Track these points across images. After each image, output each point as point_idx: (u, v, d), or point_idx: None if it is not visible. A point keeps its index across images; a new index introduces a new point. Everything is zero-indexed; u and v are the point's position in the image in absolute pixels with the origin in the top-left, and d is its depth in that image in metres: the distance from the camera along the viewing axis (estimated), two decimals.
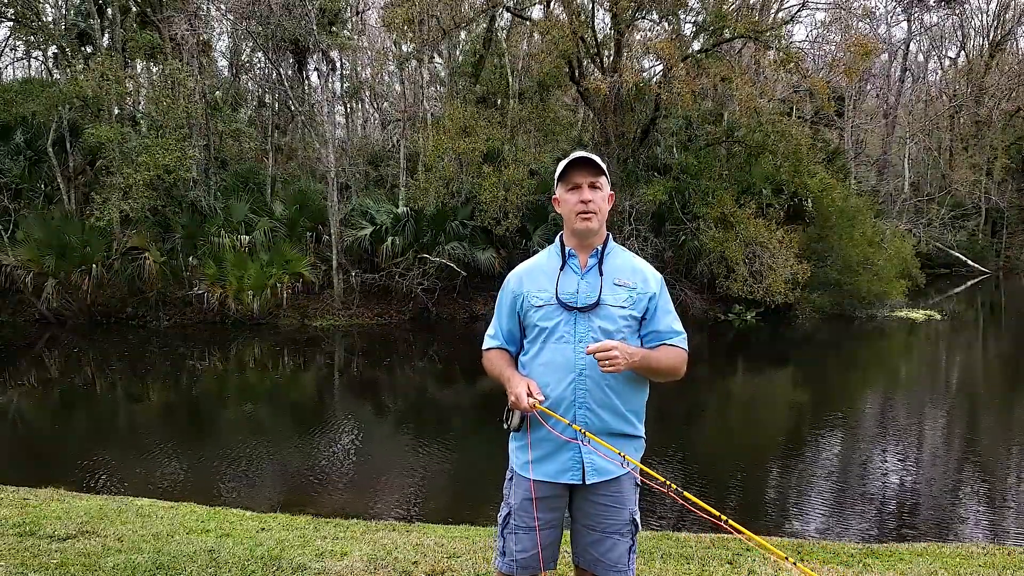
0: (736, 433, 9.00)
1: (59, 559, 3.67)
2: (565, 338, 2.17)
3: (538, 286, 2.25)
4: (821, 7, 20.08)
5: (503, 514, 2.27)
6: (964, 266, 29.38)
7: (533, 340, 2.24)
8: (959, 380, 12.30)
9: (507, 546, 2.23)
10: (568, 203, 2.23)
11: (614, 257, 2.28)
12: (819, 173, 17.63)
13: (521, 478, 2.23)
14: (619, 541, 2.21)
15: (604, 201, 2.25)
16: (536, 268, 2.32)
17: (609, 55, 17.98)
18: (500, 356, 2.32)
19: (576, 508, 2.25)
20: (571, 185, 2.22)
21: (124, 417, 9.75)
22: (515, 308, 2.29)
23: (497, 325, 2.35)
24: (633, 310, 2.21)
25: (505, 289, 2.34)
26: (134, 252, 15.54)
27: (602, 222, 2.25)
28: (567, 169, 2.22)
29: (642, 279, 2.25)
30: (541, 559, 2.21)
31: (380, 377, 12.43)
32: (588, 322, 2.17)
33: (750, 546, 4.54)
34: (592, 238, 2.25)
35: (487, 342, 2.36)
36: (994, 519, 5.84)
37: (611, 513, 2.21)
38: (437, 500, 6.36)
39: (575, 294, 2.20)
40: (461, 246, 16.31)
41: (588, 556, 2.24)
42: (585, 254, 2.26)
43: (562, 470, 2.18)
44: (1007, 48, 34.05)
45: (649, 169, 18.32)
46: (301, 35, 18.40)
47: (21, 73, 25.33)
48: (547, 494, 2.19)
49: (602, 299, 2.18)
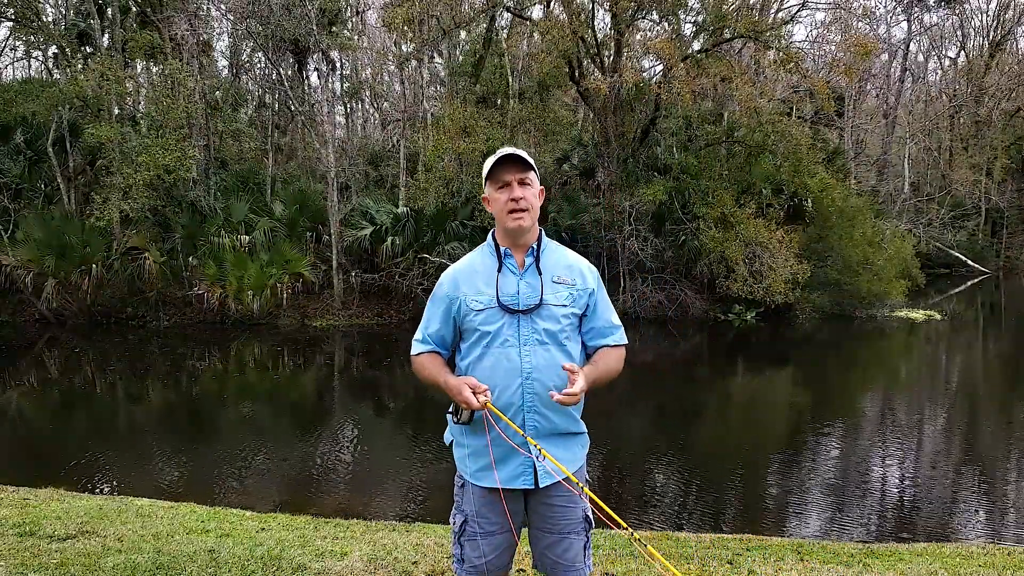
0: (736, 433, 8.99)
1: (59, 559, 3.67)
2: (510, 342, 2.13)
3: (475, 289, 2.18)
4: (821, 7, 20.09)
5: (458, 521, 2.24)
6: (964, 266, 29.37)
7: (474, 344, 2.18)
8: (959, 380, 12.30)
9: (465, 553, 2.21)
10: (498, 202, 2.17)
11: (549, 254, 2.25)
12: (819, 173, 17.62)
13: (473, 486, 2.21)
14: (575, 540, 2.21)
15: (535, 197, 2.19)
16: (470, 270, 2.24)
17: (609, 55, 17.98)
18: (433, 360, 2.25)
19: (532, 511, 2.24)
20: (500, 183, 2.17)
21: (124, 417, 9.75)
22: (451, 312, 2.21)
23: (427, 329, 2.27)
24: (574, 307, 2.19)
25: (438, 292, 2.26)
26: (134, 252, 15.54)
27: (534, 219, 2.19)
28: (495, 167, 2.17)
29: (580, 275, 2.24)
30: (499, 563, 2.20)
31: (380, 377, 12.44)
32: (531, 324, 2.14)
33: (750, 546, 4.54)
34: (526, 236, 2.19)
35: (416, 347, 2.28)
36: (994, 519, 5.84)
37: (566, 513, 2.20)
38: (437, 500, 6.35)
39: (516, 295, 2.16)
40: (461, 246, 16.29)
41: (546, 560, 2.23)
42: (521, 253, 2.21)
43: (514, 475, 2.16)
44: (1007, 48, 34.06)
45: (649, 169, 18.31)
46: (301, 35, 18.40)
47: (21, 73, 25.36)
48: (503, 498, 2.16)
49: (544, 299, 2.15)
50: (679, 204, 16.92)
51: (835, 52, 17.90)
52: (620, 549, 4.07)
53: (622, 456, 7.62)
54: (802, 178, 17.12)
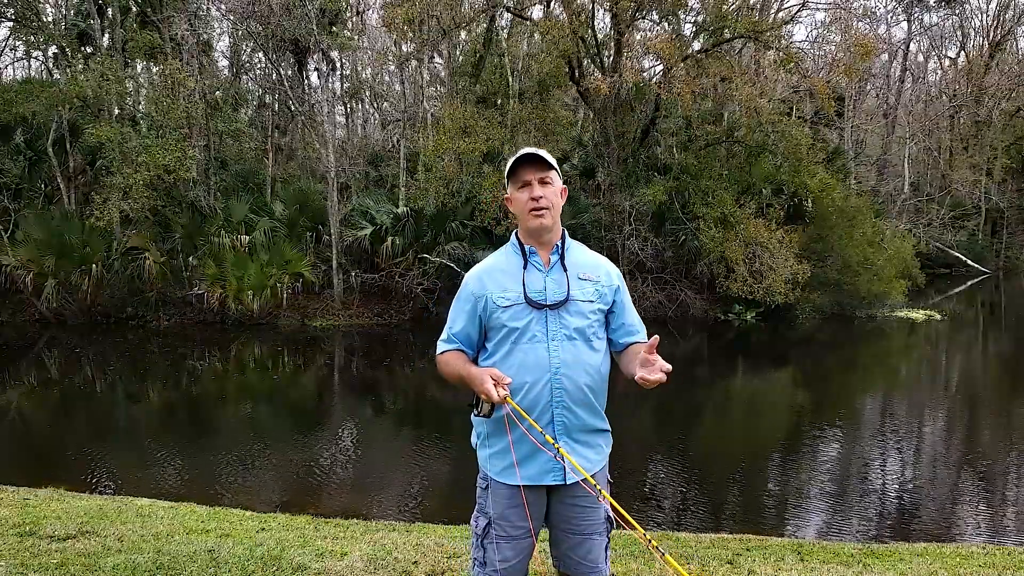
0: (736, 433, 9.00)
1: (59, 559, 3.67)
2: (538, 337, 2.14)
3: (502, 286, 2.19)
4: (821, 7, 20.06)
5: (481, 524, 2.22)
6: (964, 266, 29.36)
7: (500, 341, 2.18)
8: (959, 380, 12.29)
9: (488, 556, 2.18)
10: (520, 201, 2.20)
11: (574, 252, 2.27)
12: (819, 173, 17.62)
13: (499, 485, 2.19)
14: (597, 541, 2.22)
15: (557, 196, 2.22)
16: (495, 268, 2.25)
17: (609, 55, 17.98)
18: (457, 356, 2.25)
19: (554, 512, 2.23)
20: (521, 183, 2.19)
21: (124, 417, 9.75)
22: (476, 311, 2.21)
23: (451, 329, 2.27)
24: (600, 303, 2.21)
25: (463, 292, 2.26)
26: (134, 252, 15.54)
27: (556, 217, 2.22)
28: (515, 167, 2.19)
29: (604, 273, 2.26)
30: (521, 567, 2.20)
31: (380, 377, 12.43)
32: (559, 319, 2.15)
33: (750, 546, 4.54)
34: (549, 235, 2.22)
35: (441, 346, 2.28)
36: (994, 519, 5.84)
37: (589, 514, 2.20)
38: (437, 500, 6.35)
39: (543, 291, 2.17)
40: (461, 246, 16.30)
41: (569, 560, 2.23)
42: (546, 251, 2.23)
43: (543, 472, 2.16)
44: (1007, 48, 34.04)
45: (649, 169, 18.31)
46: (301, 35, 18.40)
47: (21, 73, 25.32)
48: (528, 499, 2.16)
49: (571, 295, 2.17)
50: (679, 204, 16.91)
51: (835, 52, 17.90)
52: (620, 549, 4.07)
53: (622, 456, 7.59)
54: (802, 178, 17.12)
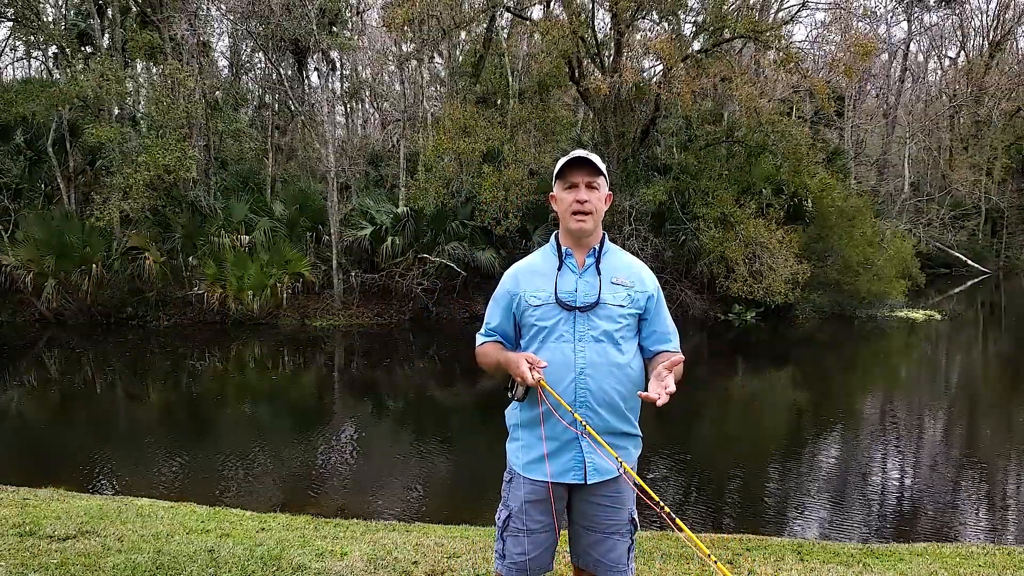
0: (736, 433, 9.00)
1: (59, 559, 3.66)
2: (564, 337, 2.16)
3: (535, 285, 2.23)
4: (821, 7, 20.08)
5: (503, 516, 2.26)
6: (964, 266, 29.36)
7: (531, 340, 2.23)
8: (959, 380, 12.30)
9: (507, 548, 2.23)
10: (564, 202, 2.22)
11: (611, 257, 2.28)
12: (819, 173, 17.63)
13: (522, 478, 2.22)
14: (619, 541, 2.22)
15: (601, 202, 2.23)
16: (532, 267, 2.30)
17: (609, 55, 17.98)
18: (494, 346, 2.30)
19: (575, 509, 2.25)
20: (568, 184, 2.21)
21: (124, 417, 9.75)
22: (511, 308, 2.27)
23: (489, 325, 2.34)
24: (632, 308, 2.21)
25: (499, 290, 2.33)
26: (134, 252, 15.53)
27: (598, 222, 2.23)
28: (565, 168, 2.21)
29: (639, 279, 2.26)
30: (540, 562, 2.21)
31: (380, 377, 12.43)
32: (588, 321, 2.17)
33: (750, 546, 4.54)
34: (588, 238, 2.24)
35: (480, 339, 2.35)
36: (994, 519, 5.84)
37: (611, 513, 2.21)
38: (437, 500, 6.36)
39: (574, 293, 2.19)
40: (461, 246, 16.30)
41: (588, 557, 2.24)
42: (582, 253, 2.25)
43: (564, 470, 2.18)
44: (1007, 48, 34.03)
45: (649, 169, 18.31)
46: (301, 35, 18.38)
47: (21, 73, 25.33)
48: (547, 496, 2.18)
49: (602, 298, 2.18)
50: (679, 204, 16.91)
51: (835, 52, 17.89)
52: None
53: None
54: (802, 178, 17.12)
